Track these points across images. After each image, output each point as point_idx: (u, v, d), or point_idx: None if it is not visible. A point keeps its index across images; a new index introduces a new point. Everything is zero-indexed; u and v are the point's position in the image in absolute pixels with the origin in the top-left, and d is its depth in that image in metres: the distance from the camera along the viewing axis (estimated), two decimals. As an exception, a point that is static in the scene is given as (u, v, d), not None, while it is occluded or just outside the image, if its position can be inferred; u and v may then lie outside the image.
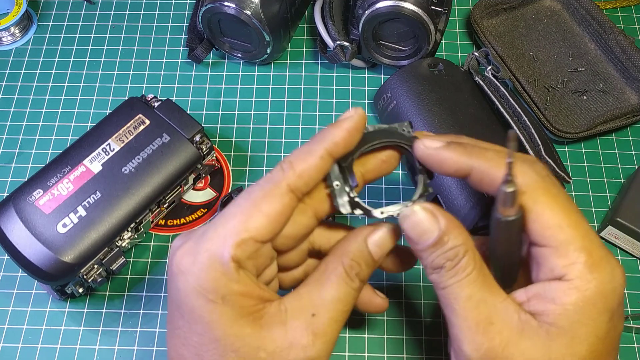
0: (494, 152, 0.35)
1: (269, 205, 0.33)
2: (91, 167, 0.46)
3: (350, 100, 0.58)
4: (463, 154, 0.35)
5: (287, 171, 0.33)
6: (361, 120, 0.34)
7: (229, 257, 0.32)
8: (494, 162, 0.34)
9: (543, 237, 0.33)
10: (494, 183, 0.34)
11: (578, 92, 0.57)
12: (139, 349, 0.47)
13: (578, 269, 0.32)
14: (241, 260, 0.32)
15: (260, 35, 0.55)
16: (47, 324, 0.48)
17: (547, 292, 0.32)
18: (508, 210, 0.32)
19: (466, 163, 0.34)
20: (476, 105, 0.52)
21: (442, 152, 0.35)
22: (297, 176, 0.33)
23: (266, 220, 0.33)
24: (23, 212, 0.44)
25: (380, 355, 0.47)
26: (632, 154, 0.56)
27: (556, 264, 0.32)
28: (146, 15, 0.63)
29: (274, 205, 0.33)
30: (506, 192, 0.32)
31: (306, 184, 0.34)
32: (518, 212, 0.32)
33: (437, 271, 0.34)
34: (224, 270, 0.32)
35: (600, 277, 0.32)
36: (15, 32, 0.62)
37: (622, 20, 0.63)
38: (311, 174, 0.34)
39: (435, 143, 0.35)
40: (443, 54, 0.61)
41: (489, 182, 0.34)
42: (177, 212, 0.52)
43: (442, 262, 0.33)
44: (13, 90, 0.59)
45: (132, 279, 0.50)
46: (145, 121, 0.48)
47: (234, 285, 0.32)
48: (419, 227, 0.34)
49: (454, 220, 0.34)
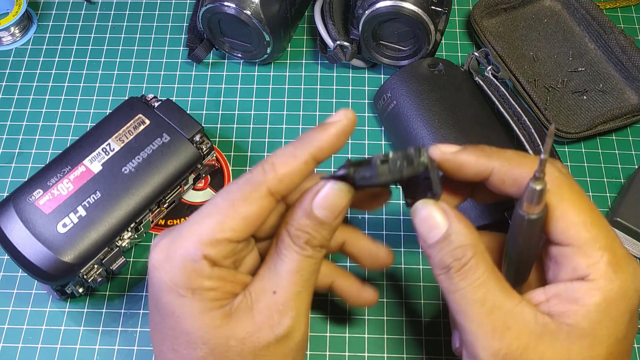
0: (513, 152, 0.34)
1: (247, 207, 0.33)
2: (91, 167, 0.46)
3: (350, 100, 0.58)
4: (482, 156, 0.34)
5: (269, 173, 0.33)
6: (350, 125, 0.34)
7: (200, 256, 0.32)
8: (514, 161, 0.33)
9: (567, 235, 0.32)
10: (516, 183, 0.33)
11: (578, 92, 0.57)
12: (139, 349, 0.47)
13: (602, 268, 0.31)
14: (216, 260, 0.33)
15: (260, 35, 0.55)
16: (47, 324, 0.48)
17: (569, 292, 0.32)
18: (533, 207, 0.31)
19: (486, 164, 0.34)
20: (476, 105, 0.52)
21: (460, 155, 0.34)
22: (278, 180, 0.33)
23: (243, 223, 0.33)
24: (23, 212, 0.44)
25: (380, 355, 0.47)
26: (632, 154, 0.56)
27: (579, 263, 0.32)
28: (146, 15, 0.63)
29: (252, 208, 0.33)
30: (535, 189, 0.31)
31: (287, 187, 0.33)
32: (542, 210, 0.32)
33: (444, 271, 0.33)
34: (195, 268, 0.32)
35: (623, 277, 0.31)
36: (15, 32, 0.62)
37: (622, 20, 0.63)
38: (293, 178, 0.33)
39: (451, 148, 0.35)
40: (443, 54, 0.61)
41: (511, 182, 0.33)
42: (177, 212, 0.52)
43: (449, 260, 0.32)
44: (13, 90, 0.59)
45: (132, 279, 0.50)
46: (145, 121, 0.48)
47: (205, 282, 0.32)
48: (428, 221, 0.33)
49: (464, 219, 0.33)
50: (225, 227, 0.33)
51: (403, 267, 0.50)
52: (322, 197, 0.33)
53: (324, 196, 0.33)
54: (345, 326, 0.48)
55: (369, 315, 0.48)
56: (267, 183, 0.33)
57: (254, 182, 0.33)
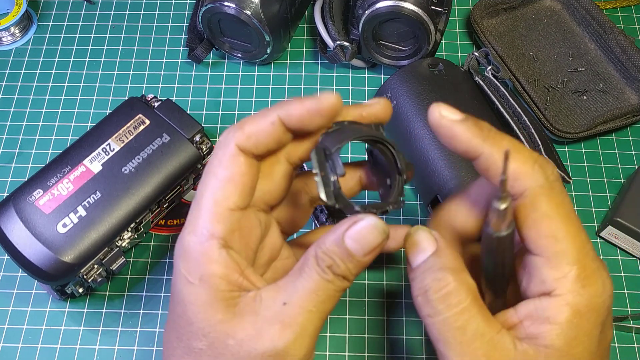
0: (510, 142, 0.32)
1: (224, 171, 0.33)
2: (91, 167, 0.46)
3: (350, 101, 0.58)
4: (477, 136, 0.32)
5: (237, 131, 0.33)
6: (329, 107, 0.33)
7: (207, 236, 0.32)
8: None
9: (537, 245, 0.31)
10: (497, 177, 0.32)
11: (578, 92, 0.57)
12: (139, 349, 0.47)
13: (569, 282, 0.31)
14: (224, 237, 0.33)
15: (260, 35, 0.55)
16: (47, 324, 0.48)
17: (539, 311, 0.31)
18: (499, 225, 0.31)
19: (477, 147, 0.32)
20: (476, 105, 0.52)
21: (456, 126, 0.32)
22: (245, 136, 0.33)
23: (229, 186, 0.33)
24: (23, 212, 0.44)
25: (380, 355, 0.47)
26: (632, 154, 0.56)
27: (547, 275, 0.31)
28: (146, 15, 0.63)
29: (230, 170, 0.33)
30: (498, 210, 0.30)
31: (255, 145, 0.33)
32: (510, 227, 0.31)
33: (423, 293, 0.32)
34: (203, 250, 0.32)
35: (591, 291, 0.31)
36: (15, 32, 0.62)
37: (622, 20, 0.63)
38: (259, 136, 0.33)
39: (452, 114, 0.33)
40: (443, 54, 0.61)
41: (494, 174, 0.32)
42: (177, 212, 0.52)
43: (429, 281, 0.32)
44: (13, 90, 0.59)
45: (132, 279, 0.50)
46: (145, 121, 0.48)
47: (213, 266, 0.32)
48: (416, 245, 0.33)
49: (453, 248, 0.33)
50: (216, 197, 0.33)
51: (403, 268, 0.50)
52: (356, 230, 0.32)
53: (359, 230, 0.32)
54: (346, 326, 0.48)
55: (369, 315, 0.48)
56: (235, 140, 0.33)
57: (224, 144, 0.34)
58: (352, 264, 0.32)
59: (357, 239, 0.32)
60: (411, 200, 0.53)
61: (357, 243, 0.32)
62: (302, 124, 0.33)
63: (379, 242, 0.32)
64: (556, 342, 0.30)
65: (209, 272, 0.32)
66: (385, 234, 0.33)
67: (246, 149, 0.33)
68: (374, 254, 0.33)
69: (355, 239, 0.32)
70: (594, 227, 0.52)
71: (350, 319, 0.48)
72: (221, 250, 0.33)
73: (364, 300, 0.49)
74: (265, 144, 0.33)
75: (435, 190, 0.49)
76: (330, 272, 0.32)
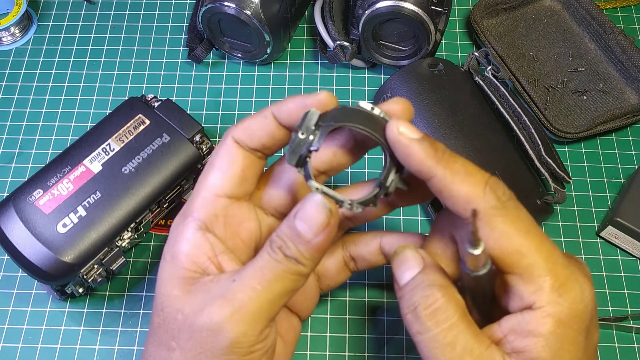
0: (462, 166, 0.32)
1: (218, 159, 0.35)
2: (91, 167, 0.46)
3: (350, 101, 0.58)
4: (431, 157, 0.32)
5: (235, 126, 0.36)
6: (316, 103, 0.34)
7: (189, 217, 0.34)
8: (457, 177, 0.32)
9: (506, 264, 0.31)
10: (451, 198, 0.32)
11: (578, 92, 0.57)
12: (139, 349, 0.47)
13: (546, 294, 0.31)
14: (205, 220, 0.34)
15: (260, 35, 0.55)
16: (47, 324, 0.48)
17: (522, 325, 0.31)
18: (476, 266, 0.31)
19: (430, 168, 0.32)
20: (476, 105, 0.52)
21: (413, 145, 0.32)
22: (241, 129, 0.35)
23: (220, 174, 0.35)
24: (23, 212, 0.44)
25: (380, 355, 0.47)
26: (632, 154, 0.56)
27: (524, 290, 0.31)
28: (146, 15, 0.63)
29: (224, 159, 0.35)
30: (474, 255, 0.30)
31: (249, 137, 0.35)
32: (486, 266, 0.31)
33: (412, 310, 0.32)
34: (180, 229, 0.34)
35: (570, 298, 0.31)
36: (15, 32, 0.62)
37: (622, 20, 0.63)
38: (253, 129, 0.35)
39: (411, 132, 0.32)
40: (443, 54, 0.61)
41: (447, 196, 0.32)
42: (177, 212, 0.52)
43: (417, 298, 0.32)
44: (13, 90, 0.59)
45: (132, 279, 0.50)
46: (145, 121, 0.48)
47: (183, 244, 0.34)
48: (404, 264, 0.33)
49: (440, 266, 0.34)
50: (207, 184, 0.35)
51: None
52: (303, 209, 0.32)
53: (305, 209, 0.32)
54: (346, 326, 0.48)
55: (369, 315, 0.48)
56: (232, 132, 0.36)
57: (224, 137, 0.36)
58: (303, 247, 0.32)
59: (304, 218, 0.32)
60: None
61: (304, 223, 0.32)
62: (291, 119, 0.34)
63: (324, 220, 0.32)
64: (542, 354, 0.31)
65: (179, 249, 0.34)
66: (331, 213, 0.32)
67: (241, 141, 0.35)
68: (325, 235, 0.32)
69: (302, 218, 0.32)
70: (594, 227, 0.52)
71: (350, 319, 0.48)
72: (197, 231, 0.34)
73: (364, 300, 0.49)
74: (259, 136, 0.35)
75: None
76: (280, 252, 0.32)
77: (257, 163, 0.36)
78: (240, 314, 0.31)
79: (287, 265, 0.32)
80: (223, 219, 0.35)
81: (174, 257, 0.34)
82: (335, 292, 0.49)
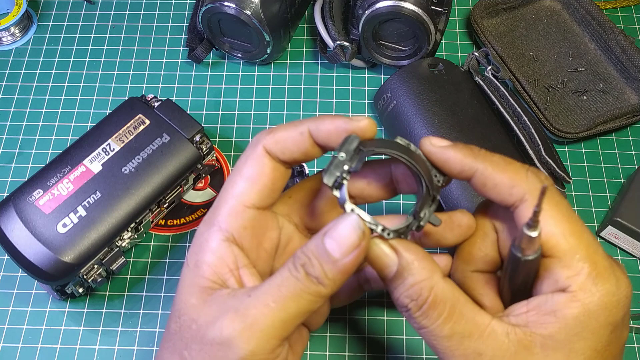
0: (500, 158, 0.34)
1: (248, 169, 0.35)
2: (91, 167, 0.46)
3: (350, 100, 0.58)
4: (468, 155, 0.34)
5: (266, 135, 0.35)
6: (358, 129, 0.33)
7: (215, 226, 0.34)
8: (498, 167, 0.33)
9: (547, 246, 0.32)
10: (496, 188, 0.33)
11: (578, 92, 0.57)
12: (139, 349, 0.47)
13: (581, 280, 0.31)
14: (232, 231, 0.34)
15: (260, 35, 0.55)
16: (47, 324, 0.48)
17: (548, 304, 0.31)
18: (528, 250, 0.31)
19: (470, 165, 0.34)
20: (476, 105, 0.52)
21: (447, 150, 0.34)
22: (274, 140, 0.34)
23: (248, 184, 0.34)
24: (23, 212, 0.44)
25: (380, 355, 0.47)
26: (632, 154, 0.56)
27: (560, 274, 0.31)
28: (146, 15, 0.63)
29: (253, 169, 0.34)
30: (529, 237, 0.31)
31: (282, 151, 0.34)
32: (537, 252, 0.31)
33: (405, 311, 0.32)
34: (206, 238, 0.34)
35: (604, 289, 0.31)
36: (15, 32, 0.62)
37: (622, 20, 0.63)
38: (287, 143, 0.34)
39: (442, 142, 0.35)
40: (443, 54, 0.61)
41: (491, 186, 0.33)
42: (177, 212, 0.52)
43: (406, 301, 0.32)
44: (13, 90, 0.59)
45: (132, 279, 0.50)
46: (145, 121, 0.48)
47: (207, 254, 0.33)
48: (378, 261, 0.33)
49: (419, 253, 0.32)
50: (235, 192, 0.34)
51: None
52: (335, 228, 0.31)
53: (337, 227, 0.31)
54: (346, 326, 0.48)
55: (369, 315, 0.48)
56: (264, 141, 0.34)
57: (253, 144, 0.35)
58: (328, 266, 0.31)
59: (335, 236, 0.31)
60: (411, 200, 0.53)
61: (334, 241, 0.31)
62: (329, 140, 0.34)
63: (355, 241, 0.31)
64: (557, 334, 0.31)
65: (202, 258, 0.33)
66: (363, 234, 0.31)
67: (272, 152, 0.34)
68: (353, 257, 0.31)
69: (333, 236, 0.31)
70: (594, 227, 0.52)
71: (350, 319, 0.48)
72: (222, 242, 0.33)
73: (364, 300, 0.49)
74: (291, 151, 0.34)
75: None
76: (302, 270, 0.31)
77: (285, 174, 0.36)
78: (251, 331, 0.31)
79: (307, 285, 0.31)
80: (250, 230, 0.34)
81: (197, 265, 0.33)
82: (335, 292, 0.49)
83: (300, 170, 0.51)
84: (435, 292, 0.32)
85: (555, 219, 0.32)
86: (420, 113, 0.51)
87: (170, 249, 0.51)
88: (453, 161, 0.34)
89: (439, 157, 0.34)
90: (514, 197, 0.33)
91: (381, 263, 0.33)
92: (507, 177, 0.33)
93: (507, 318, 0.32)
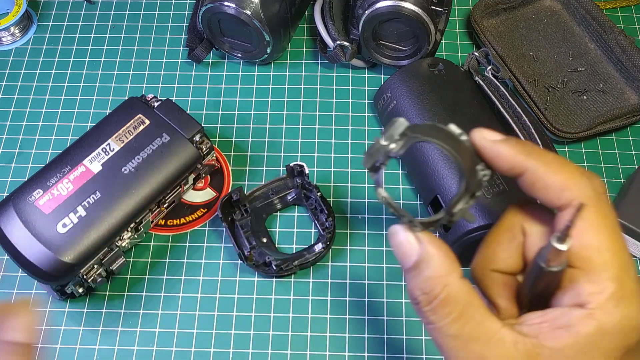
0: (554, 157, 0.32)
1: None
2: (91, 167, 0.46)
3: (350, 100, 0.58)
4: (521, 152, 0.32)
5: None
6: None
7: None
8: (551, 167, 0.32)
9: (578, 257, 0.31)
10: (545, 189, 0.32)
11: (578, 92, 0.57)
12: (139, 349, 0.47)
13: (603, 299, 0.29)
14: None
15: (260, 35, 0.55)
16: (47, 324, 0.48)
17: (564, 318, 0.30)
18: (554, 262, 0.30)
19: (522, 162, 0.32)
20: (476, 105, 0.52)
21: (499, 145, 0.32)
22: None
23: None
24: (23, 212, 0.44)
25: (380, 355, 0.47)
26: (632, 154, 0.56)
27: (583, 289, 0.30)
28: (146, 15, 0.63)
29: None
30: (557, 249, 0.30)
31: None
32: (563, 264, 0.30)
33: (415, 305, 0.32)
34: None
35: (624, 313, 0.29)
36: (15, 32, 0.62)
37: (622, 20, 0.63)
38: None
39: (494, 135, 0.33)
40: (443, 54, 0.61)
41: (540, 186, 0.32)
42: (177, 212, 0.52)
43: (417, 293, 0.31)
44: (13, 90, 0.59)
45: (132, 279, 0.50)
46: (145, 121, 0.48)
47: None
48: (401, 247, 0.32)
49: (442, 249, 0.32)
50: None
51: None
52: None
53: None
54: (346, 326, 0.48)
55: (369, 315, 0.48)
56: None
57: None
58: None
59: None
60: (411, 200, 0.53)
61: None
62: None
63: None
64: (566, 349, 0.30)
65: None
66: None
67: None
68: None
69: None
70: (594, 227, 0.52)
71: (350, 319, 0.48)
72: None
73: (364, 300, 0.49)
74: None
75: (435, 191, 0.49)
76: None
77: None
78: None
79: None
80: None
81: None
82: (335, 292, 0.49)
83: (301, 170, 0.51)
84: (448, 290, 0.31)
85: (596, 231, 0.31)
86: (420, 113, 0.51)
87: (170, 249, 0.51)
88: (503, 157, 0.32)
89: (489, 151, 0.33)
90: (562, 201, 0.31)
91: (403, 250, 0.32)
92: (559, 180, 0.31)
93: (520, 326, 0.31)
